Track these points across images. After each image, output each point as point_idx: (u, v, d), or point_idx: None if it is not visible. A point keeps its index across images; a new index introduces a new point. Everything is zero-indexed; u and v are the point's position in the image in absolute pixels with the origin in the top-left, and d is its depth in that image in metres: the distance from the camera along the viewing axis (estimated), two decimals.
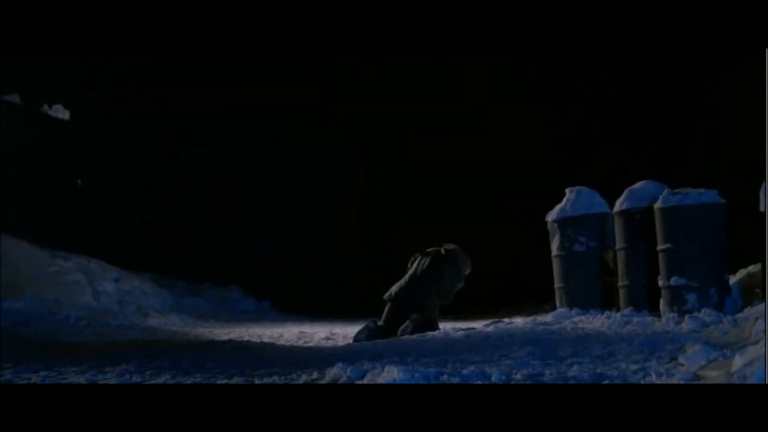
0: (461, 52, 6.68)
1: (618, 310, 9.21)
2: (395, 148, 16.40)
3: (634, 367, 5.30)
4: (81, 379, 5.55)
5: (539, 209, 10.32)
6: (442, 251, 9.56)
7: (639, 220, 9.13)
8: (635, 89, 14.91)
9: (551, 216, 10.00)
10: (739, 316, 7.71)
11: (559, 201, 10.01)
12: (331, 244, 15.86)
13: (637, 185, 9.37)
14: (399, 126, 16.38)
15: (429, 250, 9.66)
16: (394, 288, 9.41)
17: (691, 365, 5.05)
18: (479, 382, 4.94)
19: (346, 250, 15.55)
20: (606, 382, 4.88)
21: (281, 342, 9.28)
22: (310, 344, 9.05)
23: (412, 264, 9.61)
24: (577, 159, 13.20)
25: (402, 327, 8.93)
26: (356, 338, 9.03)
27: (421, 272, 9.42)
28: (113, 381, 5.44)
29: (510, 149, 14.35)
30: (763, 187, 7.76)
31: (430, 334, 8.68)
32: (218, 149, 17.33)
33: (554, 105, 14.38)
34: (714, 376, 4.58)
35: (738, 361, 4.45)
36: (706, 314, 8.14)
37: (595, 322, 8.84)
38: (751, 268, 8.95)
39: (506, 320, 9.14)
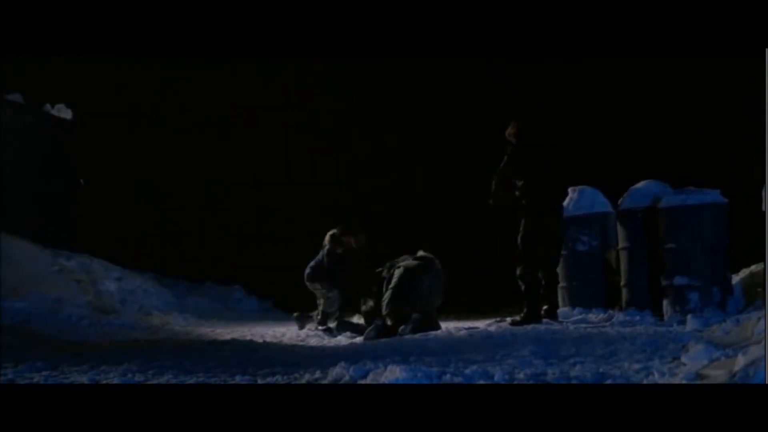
0: (462, 52, 6.68)
1: (620, 309, 9.21)
2: (397, 147, 16.40)
3: (636, 366, 5.29)
4: (83, 379, 5.54)
5: None
6: (417, 258, 9.63)
7: (641, 220, 9.13)
8: (636, 89, 14.91)
9: None
10: (741, 315, 7.70)
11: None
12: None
13: (640, 185, 9.37)
14: (401, 126, 16.39)
15: (402, 258, 9.71)
16: (384, 301, 9.39)
17: (694, 365, 5.04)
18: (482, 382, 4.94)
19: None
20: (608, 381, 4.88)
21: (284, 341, 9.28)
22: (313, 344, 9.05)
23: (386, 275, 9.62)
24: (580, 158, 13.19)
25: (402, 327, 8.93)
26: (366, 336, 9.05)
27: (407, 275, 9.42)
28: (115, 381, 5.44)
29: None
30: (765, 186, 7.75)
31: (432, 333, 8.68)
32: (220, 149, 17.34)
33: (556, 105, 14.37)
34: (716, 375, 4.57)
35: (740, 361, 4.44)
36: (708, 313, 8.15)
37: (598, 321, 8.84)
38: (754, 268, 8.95)
39: (508, 319, 9.13)
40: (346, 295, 10.56)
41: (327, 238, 10.69)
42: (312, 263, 10.68)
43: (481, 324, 9.36)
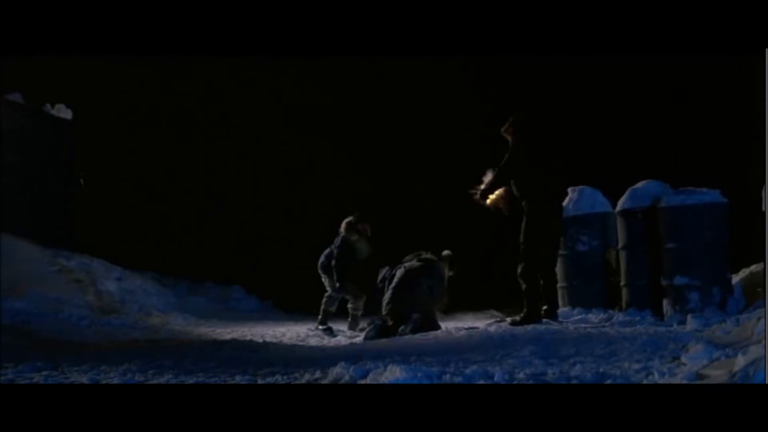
0: (462, 52, 6.68)
1: (620, 309, 9.20)
2: (397, 147, 16.40)
3: (636, 366, 5.29)
4: (83, 379, 5.54)
5: None
6: (420, 260, 9.65)
7: (641, 220, 9.13)
8: (636, 89, 14.91)
9: None
10: (741, 315, 7.70)
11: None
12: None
13: (640, 184, 9.37)
14: (405, 127, 16.39)
15: (406, 259, 9.73)
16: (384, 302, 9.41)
17: (694, 365, 5.03)
18: (482, 382, 4.94)
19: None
20: (608, 381, 4.87)
21: (284, 341, 9.28)
22: (313, 344, 9.05)
23: (389, 275, 9.65)
24: (580, 158, 13.23)
25: (402, 327, 8.93)
26: (366, 336, 9.05)
27: (408, 277, 9.44)
28: (115, 380, 5.44)
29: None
30: (765, 186, 7.76)
31: (432, 333, 8.68)
32: (221, 149, 17.34)
33: (556, 105, 14.37)
34: (716, 375, 4.57)
35: (740, 361, 4.44)
36: (708, 313, 8.14)
37: (598, 321, 8.84)
38: (754, 268, 8.95)
39: (508, 319, 9.13)
40: (356, 297, 10.60)
41: (343, 225, 10.70)
42: (326, 251, 10.73)
43: (481, 324, 9.36)
